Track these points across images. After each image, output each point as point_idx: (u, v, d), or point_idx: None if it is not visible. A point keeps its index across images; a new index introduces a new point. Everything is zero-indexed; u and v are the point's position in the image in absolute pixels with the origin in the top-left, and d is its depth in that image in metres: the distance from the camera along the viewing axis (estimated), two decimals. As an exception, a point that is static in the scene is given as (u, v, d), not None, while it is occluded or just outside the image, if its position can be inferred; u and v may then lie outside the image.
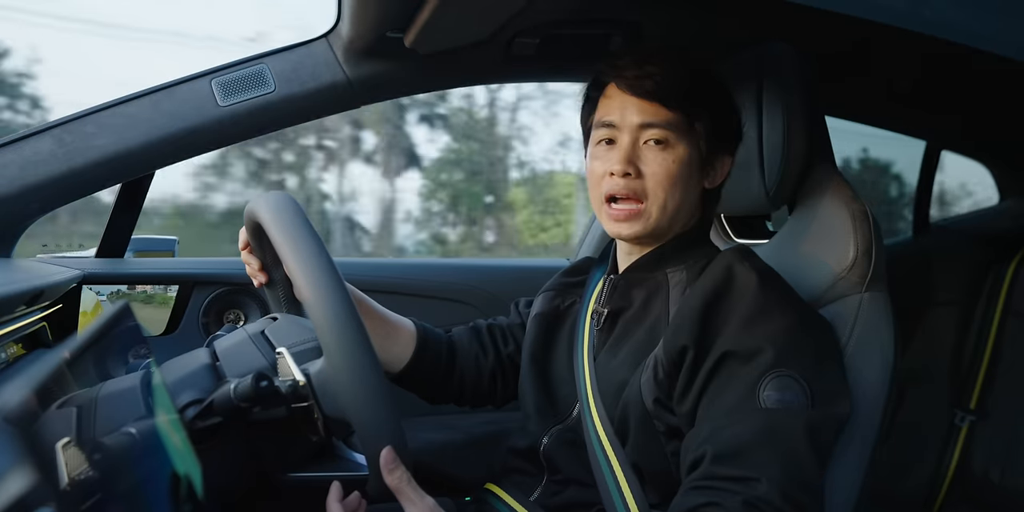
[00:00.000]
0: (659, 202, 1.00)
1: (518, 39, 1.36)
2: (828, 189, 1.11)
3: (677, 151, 1.00)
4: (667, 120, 0.99)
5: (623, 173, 1.00)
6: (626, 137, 1.01)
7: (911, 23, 0.76)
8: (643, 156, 1.00)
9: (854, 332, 1.02)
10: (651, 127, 1.00)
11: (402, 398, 1.01)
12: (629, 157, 1.00)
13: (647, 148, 1.00)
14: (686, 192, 1.02)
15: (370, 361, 0.76)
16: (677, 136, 1.00)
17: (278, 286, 1.10)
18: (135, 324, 0.85)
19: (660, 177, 0.99)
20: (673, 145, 1.00)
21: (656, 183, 1.00)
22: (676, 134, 1.00)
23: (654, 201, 1.00)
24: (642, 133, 1.00)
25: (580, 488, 1.06)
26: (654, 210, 1.01)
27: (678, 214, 1.03)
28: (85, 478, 0.55)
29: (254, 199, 0.91)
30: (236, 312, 1.67)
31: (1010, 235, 2.07)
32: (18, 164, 1.29)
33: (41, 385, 0.55)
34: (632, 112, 1.01)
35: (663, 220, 1.02)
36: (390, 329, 1.21)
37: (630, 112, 1.01)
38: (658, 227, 1.02)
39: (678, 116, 1.00)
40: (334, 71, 1.41)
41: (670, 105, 0.99)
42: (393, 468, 0.78)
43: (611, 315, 1.09)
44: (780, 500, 0.82)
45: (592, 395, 1.04)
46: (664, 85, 0.99)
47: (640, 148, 1.01)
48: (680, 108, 1.00)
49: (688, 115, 1.00)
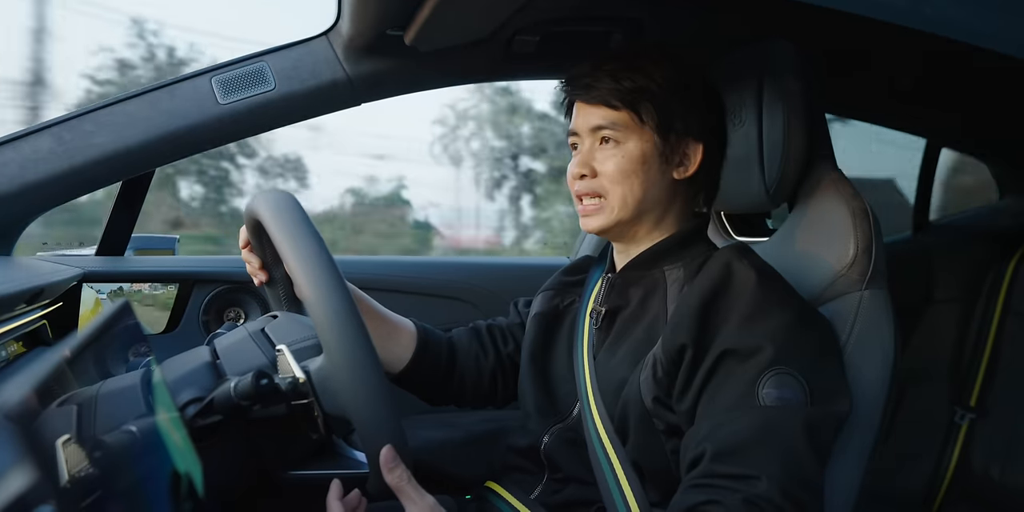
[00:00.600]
0: (617, 197, 1.05)
1: (518, 37, 1.36)
2: (828, 186, 1.11)
3: (627, 147, 1.04)
4: (613, 120, 1.05)
5: (579, 175, 1.07)
6: (586, 141, 1.08)
7: (912, 20, 0.76)
8: (597, 156, 1.06)
9: (854, 330, 1.02)
10: (601, 128, 1.06)
11: (402, 396, 1.02)
12: (586, 160, 1.07)
13: (601, 148, 1.06)
14: (646, 184, 1.05)
15: (370, 359, 0.76)
16: (626, 133, 1.05)
17: (278, 284, 1.10)
18: (135, 322, 0.85)
19: (612, 173, 1.05)
20: (623, 142, 1.05)
21: (610, 180, 1.05)
22: (624, 131, 1.05)
23: (612, 196, 1.05)
24: (596, 135, 1.06)
25: (580, 486, 1.06)
26: (614, 204, 1.05)
27: (642, 206, 1.05)
28: (85, 476, 0.55)
29: (254, 197, 0.91)
30: (236, 310, 1.67)
31: (1010, 233, 2.07)
32: (18, 162, 1.29)
33: (41, 383, 0.55)
34: (584, 118, 1.08)
35: (625, 213, 1.05)
36: (390, 329, 1.21)
37: (583, 118, 1.08)
38: (621, 219, 1.06)
39: (625, 114, 1.04)
40: (334, 69, 1.41)
41: (612, 105, 1.04)
42: (393, 466, 0.78)
43: (609, 314, 1.09)
44: (780, 498, 0.82)
45: (592, 394, 1.04)
46: (602, 87, 1.04)
47: (596, 149, 1.06)
48: (624, 104, 1.04)
49: (634, 111, 1.04)
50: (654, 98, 1.04)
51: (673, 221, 1.09)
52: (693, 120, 1.06)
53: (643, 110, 1.04)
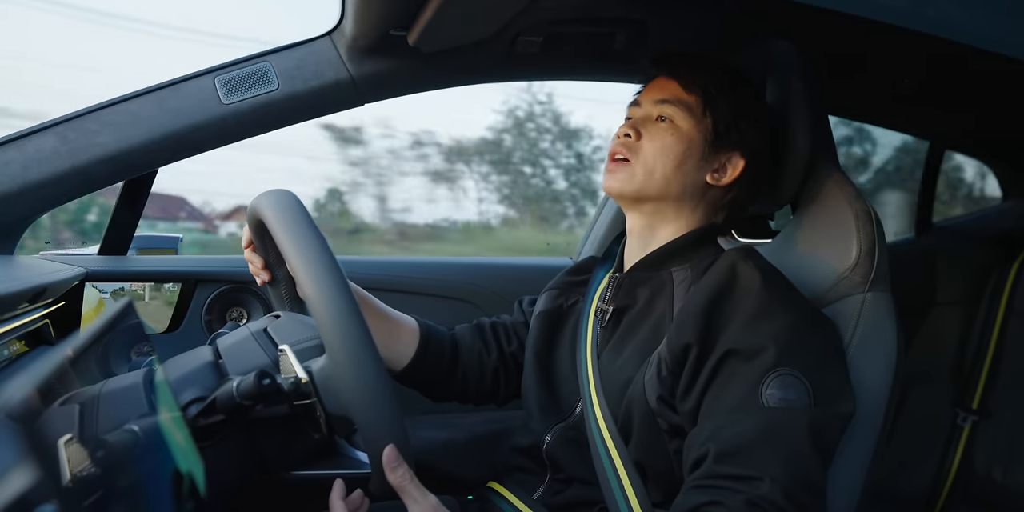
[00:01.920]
0: (646, 165, 1.05)
1: (522, 38, 1.36)
2: (831, 188, 1.10)
3: (680, 128, 1.06)
4: (681, 98, 1.06)
5: (624, 134, 1.07)
6: (643, 111, 1.09)
7: (914, 23, 0.76)
8: (649, 127, 1.07)
9: (857, 332, 1.02)
10: (665, 102, 1.07)
11: (404, 396, 1.01)
12: (635, 124, 1.08)
13: (656, 122, 1.07)
14: (679, 169, 1.05)
15: (372, 359, 0.76)
16: (687, 116, 1.06)
17: (281, 284, 1.10)
18: (138, 322, 0.85)
19: (655, 144, 1.06)
20: (679, 122, 1.06)
21: (650, 149, 1.06)
22: (686, 114, 1.06)
23: (642, 163, 1.05)
24: (656, 108, 1.08)
25: (583, 486, 1.06)
26: (639, 170, 1.06)
27: (667, 186, 1.06)
28: (87, 475, 0.55)
29: (257, 197, 0.91)
30: (239, 310, 1.67)
31: (1013, 235, 2.07)
32: (21, 162, 1.29)
33: (44, 382, 0.55)
34: (655, 89, 1.09)
35: (648, 185, 1.06)
36: (393, 327, 1.21)
37: (654, 90, 1.09)
38: (642, 190, 1.06)
39: (695, 99, 1.05)
40: (337, 69, 1.41)
41: (689, 87, 1.05)
42: (395, 466, 0.79)
43: (616, 313, 1.09)
44: (783, 499, 0.81)
45: (595, 393, 1.04)
46: (693, 68, 1.06)
47: (651, 121, 1.07)
48: (698, 91, 1.05)
49: (704, 101, 1.05)
50: (729, 101, 1.06)
51: (689, 221, 1.09)
52: (749, 138, 1.07)
53: (713, 106, 1.05)
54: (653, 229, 1.10)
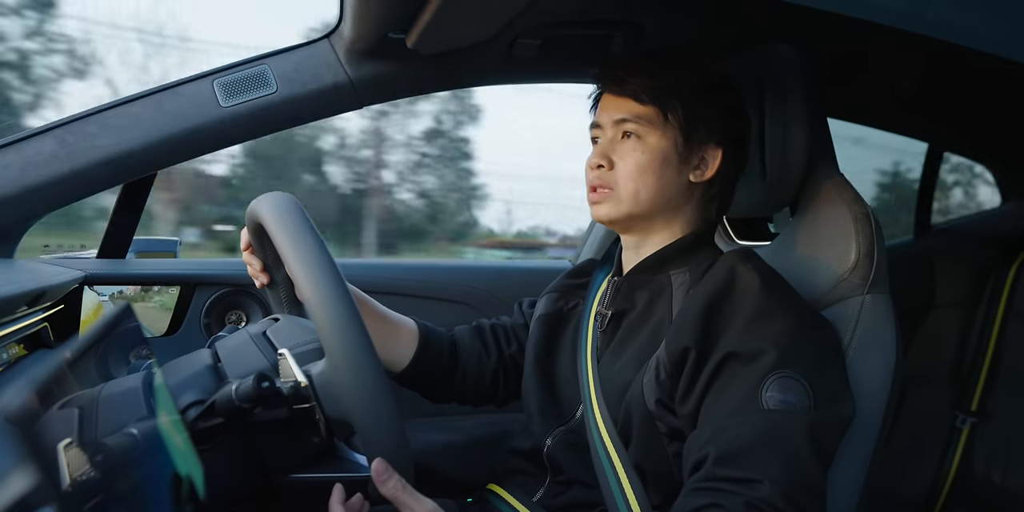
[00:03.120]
0: (630, 191, 1.05)
1: (520, 40, 1.36)
2: (830, 191, 1.11)
3: (648, 142, 1.05)
4: (638, 113, 1.05)
5: (596, 165, 1.07)
6: (608, 133, 1.08)
7: (913, 25, 0.76)
8: (617, 149, 1.06)
9: (856, 334, 1.02)
10: (625, 121, 1.06)
11: (404, 399, 1.01)
12: (605, 151, 1.07)
13: (622, 142, 1.06)
14: (660, 181, 1.05)
15: (372, 363, 0.76)
16: (650, 129, 1.05)
17: (280, 287, 1.10)
18: (137, 325, 0.85)
19: (629, 167, 1.05)
20: (644, 137, 1.05)
21: (625, 173, 1.05)
22: (648, 127, 1.05)
23: (624, 189, 1.05)
24: (619, 128, 1.07)
25: (583, 489, 1.06)
26: (623, 196, 1.05)
27: (656, 203, 1.06)
28: (87, 479, 0.55)
29: (256, 200, 0.91)
30: (238, 313, 1.66)
31: (1012, 237, 2.07)
32: (19, 165, 1.29)
33: (43, 386, 0.55)
34: (611, 110, 1.08)
35: (636, 207, 1.05)
36: (392, 329, 1.21)
37: (609, 111, 1.08)
38: (633, 212, 1.06)
39: (651, 109, 1.05)
40: (336, 72, 1.41)
41: (642, 99, 1.05)
42: (385, 479, 0.78)
43: (615, 317, 1.09)
44: (782, 502, 0.81)
45: (596, 397, 1.04)
46: (634, 82, 1.05)
47: (616, 143, 1.07)
48: (653, 101, 1.04)
49: (661, 107, 1.04)
50: (683, 98, 1.04)
51: (683, 224, 1.09)
52: (717, 126, 1.06)
53: (670, 109, 1.04)
54: (647, 238, 1.10)
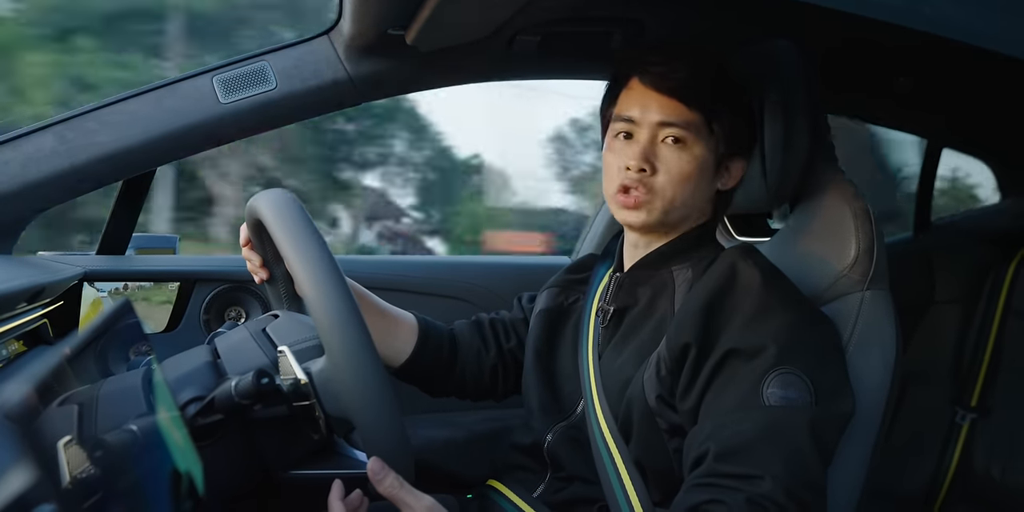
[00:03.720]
0: (668, 198, 1.01)
1: (519, 37, 1.36)
2: (829, 187, 1.11)
3: (694, 151, 1.01)
4: (687, 120, 1.00)
5: (639, 169, 1.00)
6: (644, 133, 1.02)
7: (910, 20, 0.76)
8: (660, 153, 1.01)
9: (855, 331, 1.02)
10: (670, 125, 1.00)
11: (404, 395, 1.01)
12: (646, 154, 1.01)
13: (664, 146, 1.01)
14: (696, 191, 1.03)
15: (372, 360, 0.76)
16: (695, 136, 1.00)
17: (279, 283, 1.10)
18: (136, 321, 0.85)
19: (674, 175, 1.00)
20: (690, 145, 1.00)
21: (669, 180, 1.00)
22: (694, 134, 1.00)
23: (663, 196, 1.01)
24: (660, 130, 1.01)
25: (583, 485, 1.06)
26: (662, 204, 1.01)
27: (686, 212, 1.04)
28: (86, 476, 0.55)
29: (255, 196, 0.91)
30: (237, 309, 1.66)
31: (1011, 234, 2.06)
32: (19, 161, 1.29)
33: (42, 382, 0.55)
34: (653, 109, 1.01)
35: (670, 215, 1.03)
36: (391, 323, 1.21)
37: (651, 109, 1.01)
38: (664, 220, 1.03)
39: (698, 116, 1.00)
40: (335, 68, 1.41)
41: (692, 105, 1.00)
42: (381, 478, 0.78)
43: (617, 312, 1.09)
44: (783, 498, 0.81)
45: (596, 392, 1.04)
46: (689, 84, 0.99)
47: (657, 145, 1.01)
48: (701, 109, 1.00)
49: (708, 117, 1.01)
50: (727, 108, 1.03)
51: (691, 224, 1.08)
52: (746, 140, 1.07)
53: (716, 119, 1.01)
54: (658, 237, 1.09)
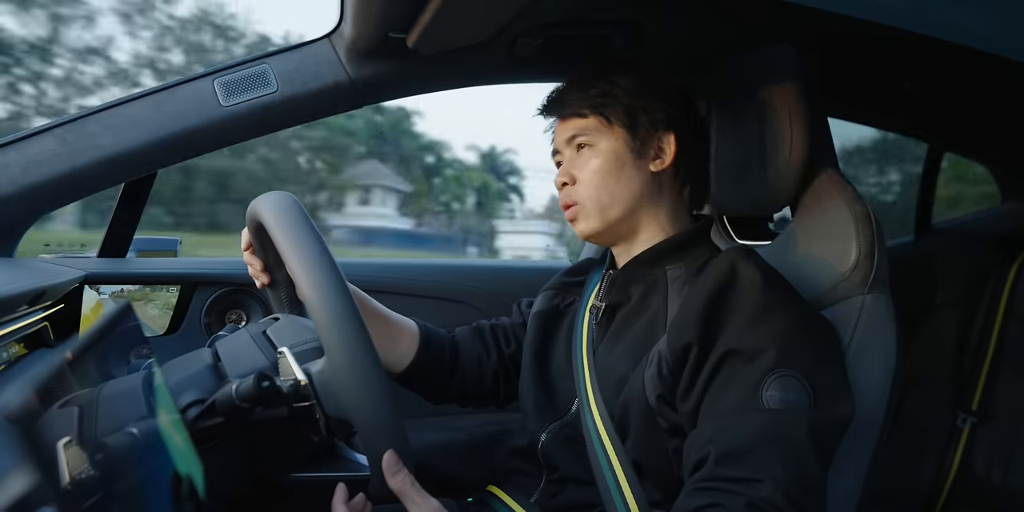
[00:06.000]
0: (594, 198, 1.09)
1: (520, 40, 1.36)
2: (830, 191, 1.10)
3: (599, 147, 1.09)
4: (583, 126, 1.10)
5: (561, 184, 1.12)
6: (566, 154, 1.14)
7: (916, 25, 0.76)
8: (576, 163, 1.11)
9: (856, 334, 1.02)
10: (575, 137, 1.11)
11: (404, 399, 1.01)
12: (566, 169, 1.12)
13: (579, 156, 1.11)
14: (621, 180, 1.08)
15: (372, 361, 0.76)
16: (598, 136, 1.10)
17: (280, 287, 1.10)
18: (137, 324, 0.85)
19: (588, 176, 1.09)
20: (596, 144, 1.10)
21: (588, 182, 1.09)
22: (596, 134, 1.10)
23: (588, 198, 1.09)
24: (573, 145, 1.12)
25: (578, 487, 1.06)
26: (592, 206, 1.09)
27: (627, 204, 1.09)
28: (86, 478, 0.55)
29: (256, 199, 0.91)
30: (238, 312, 1.67)
31: (1012, 237, 2.07)
32: (20, 164, 1.29)
33: (43, 385, 0.55)
34: (560, 131, 1.14)
35: (610, 213, 1.09)
36: (393, 329, 1.21)
37: (559, 132, 1.14)
38: (609, 221, 1.10)
39: (593, 119, 1.10)
40: (336, 71, 1.41)
41: (581, 113, 1.10)
42: (395, 471, 0.78)
43: (609, 309, 1.10)
44: (784, 501, 0.81)
45: (591, 389, 1.05)
46: (571, 99, 1.11)
47: (575, 158, 1.11)
48: (591, 109, 1.09)
49: (602, 114, 1.09)
50: (618, 99, 1.08)
51: (670, 219, 1.11)
52: (659, 113, 1.09)
53: (609, 112, 1.08)
54: (635, 239, 1.13)
